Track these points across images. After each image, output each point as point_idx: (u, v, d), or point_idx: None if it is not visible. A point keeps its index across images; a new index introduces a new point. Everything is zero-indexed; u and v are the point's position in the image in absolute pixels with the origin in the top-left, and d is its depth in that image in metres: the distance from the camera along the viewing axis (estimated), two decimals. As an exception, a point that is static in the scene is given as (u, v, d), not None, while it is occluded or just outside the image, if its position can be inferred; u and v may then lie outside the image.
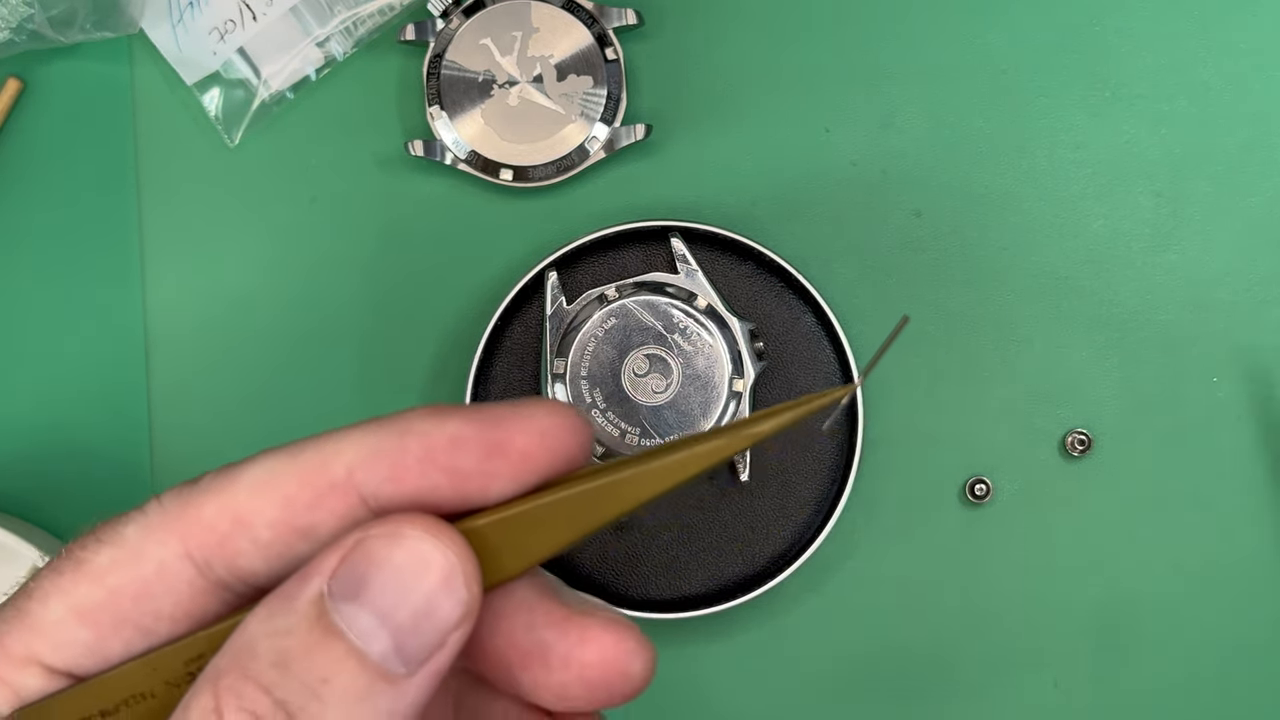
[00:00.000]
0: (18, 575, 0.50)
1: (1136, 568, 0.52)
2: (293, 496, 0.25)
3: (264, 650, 0.24)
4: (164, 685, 0.25)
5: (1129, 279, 0.53)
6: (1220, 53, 0.53)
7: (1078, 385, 0.52)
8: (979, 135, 0.53)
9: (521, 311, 0.51)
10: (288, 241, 0.53)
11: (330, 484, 0.25)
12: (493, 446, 0.25)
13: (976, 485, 0.52)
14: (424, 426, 0.25)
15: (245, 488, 0.25)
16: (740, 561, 0.51)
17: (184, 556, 0.25)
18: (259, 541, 0.25)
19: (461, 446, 0.25)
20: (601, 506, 0.25)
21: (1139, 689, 0.52)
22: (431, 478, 0.25)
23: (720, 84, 0.53)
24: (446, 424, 0.25)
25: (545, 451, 0.25)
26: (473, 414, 0.25)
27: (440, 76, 0.51)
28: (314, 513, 0.25)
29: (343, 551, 0.24)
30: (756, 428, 0.25)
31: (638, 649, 0.26)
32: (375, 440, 0.25)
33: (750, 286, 0.51)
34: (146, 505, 0.26)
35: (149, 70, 0.53)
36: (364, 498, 0.25)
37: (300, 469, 0.25)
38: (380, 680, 0.24)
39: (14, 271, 0.53)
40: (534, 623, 0.26)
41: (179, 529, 0.25)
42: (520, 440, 0.25)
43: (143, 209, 0.53)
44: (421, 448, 0.25)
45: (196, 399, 0.53)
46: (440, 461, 0.25)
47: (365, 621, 0.24)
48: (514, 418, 0.25)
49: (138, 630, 0.25)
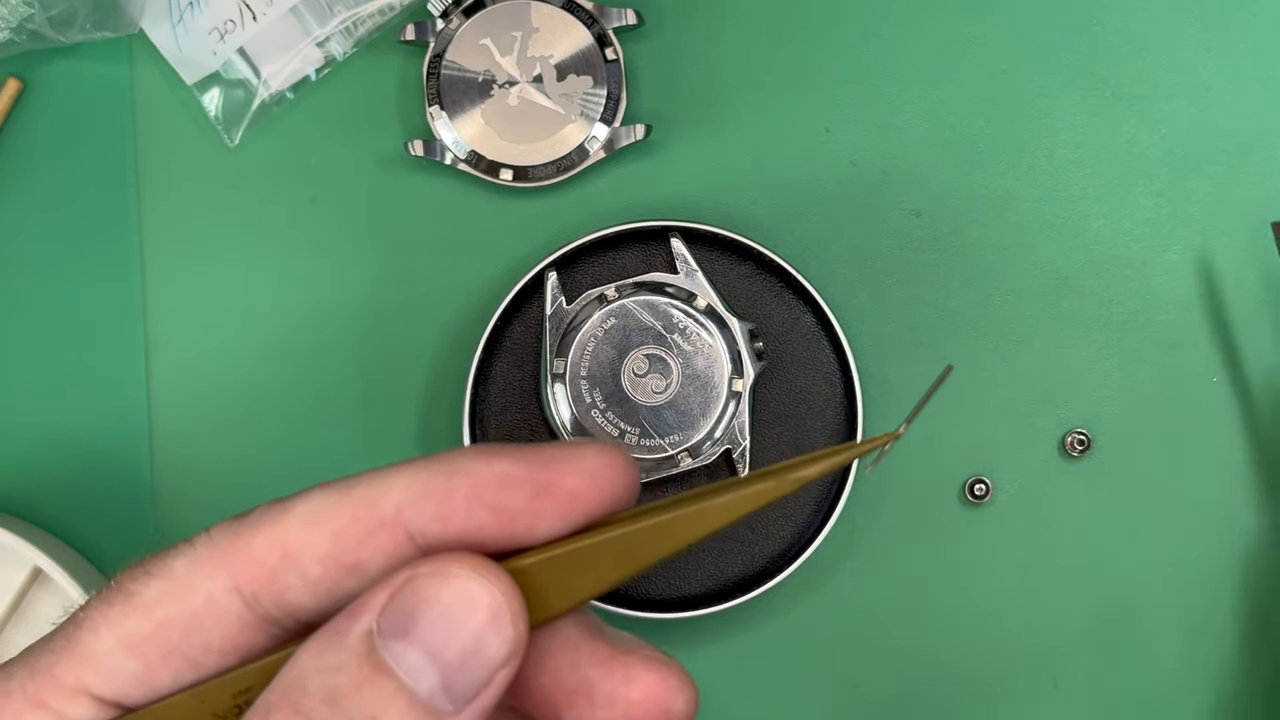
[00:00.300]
0: (18, 576, 0.50)
1: (1136, 567, 0.52)
2: (342, 533, 0.25)
3: (314, 686, 0.24)
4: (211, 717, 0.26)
5: (1129, 279, 0.53)
6: (1220, 53, 0.53)
7: (1078, 385, 0.52)
8: (979, 135, 0.53)
9: (521, 311, 0.51)
10: (288, 241, 0.53)
11: (379, 521, 0.25)
12: (541, 487, 0.25)
13: (976, 485, 0.52)
14: (472, 466, 0.25)
15: (295, 522, 0.25)
16: (740, 561, 0.51)
17: (232, 590, 0.25)
18: (307, 577, 0.25)
19: (510, 486, 0.25)
20: (648, 548, 0.25)
21: (1139, 689, 0.52)
22: (479, 517, 0.25)
23: (720, 84, 0.53)
24: (495, 464, 0.25)
25: (593, 492, 0.25)
26: (521, 454, 0.25)
27: (440, 76, 0.51)
28: (362, 549, 0.25)
29: (391, 589, 0.24)
30: (803, 472, 0.25)
31: (680, 688, 0.27)
32: (424, 479, 0.25)
33: (750, 286, 0.51)
34: (196, 539, 0.26)
35: (149, 70, 0.53)
36: (412, 535, 0.25)
37: (350, 506, 0.25)
38: (428, 717, 0.24)
39: (14, 271, 0.53)
40: (579, 661, 0.26)
41: (228, 563, 0.26)
42: (569, 481, 0.25)
43: (143, 209, 0.53)
44: (470, 487, 0.25)
45: (196, 399, 0.53)
46: (488, 501, 0.25)
47: (414, 659, 0.24)
48: (563, 459, 0.25)
49: (186, 662, 0.26)
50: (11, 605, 0.50)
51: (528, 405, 0.51)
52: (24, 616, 0.51)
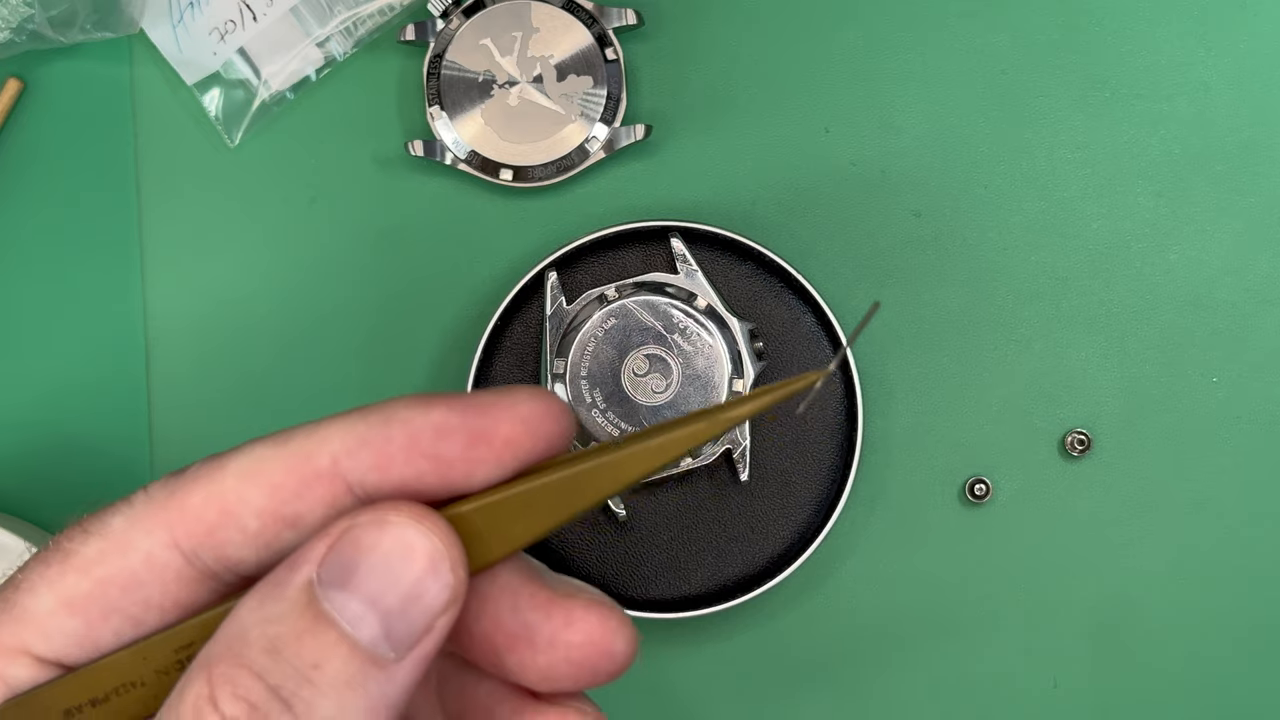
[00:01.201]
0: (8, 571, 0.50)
1: (1136, 567, 0.52)
2: (279, 485, 0.25)
3: (256, 637, 0.24)
4: (154, 673, 0.26)
5: (1129, 279, 0.53)
6: (1220, 53, 0.53)
7: (1078, 385, 0.53)
8: (979, 135, 0.53)
9: (521, 311, 0.51)
10: (287, 241, 0.53)
11: (316, 473, 0.25)
12: (477, 434, 0.25)
13: (976, 485, 0.52)
14: (408, 415, 0.25)
15: (232, 477, 0.26)
16: (740, 561, 0.51)
17: (171, 546, 0.26)
18: (246, 531, 0.25)
19: (446, 435, 0.25)
20: (584, 491, 0.25)
21: (1138, 689, 0.52)
22: (417, 466, 0.25)
23: (720, 84, 0.53)
24: (431, 412, 0.25)
25: (529, 438, 0.25)
26: (456, 402, 0.25)
27: (440, 76, 0.51)
28: (301, 501, 0.25)
29: (330, 539, 0.24)
30: (733, 411, 0.25)
31: (620, 629, 0.27)
32: (360, 429, 0.25)
33: (750, 286, 0.51)
34: (133, 496, 0.26)
35: (149, 70, 0.53)
36: (350, 486, 0.25)
37: (286, 458, 0.25)
38: (370, 665, 0.24)
39: (14, 271, 0.53)
40: (519, 606, 0.27)
41: (166, 519, 0.26)
42: (504, 428, 0.25)
43: (143, 209, 0.53)
44: (406, 436, 0.25)
45: (196, 398, 0.53)
46: (425, 449, 0.25)
47: (354, 608, 0.24)
48: (497, 405, 0.25)
49: (127, 620, 0.26)
50: (12, 605, 0.50)
51: (528, 405, 0.51)
52: (24, 616, 0.51)
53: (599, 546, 0.51)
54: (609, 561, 0.51)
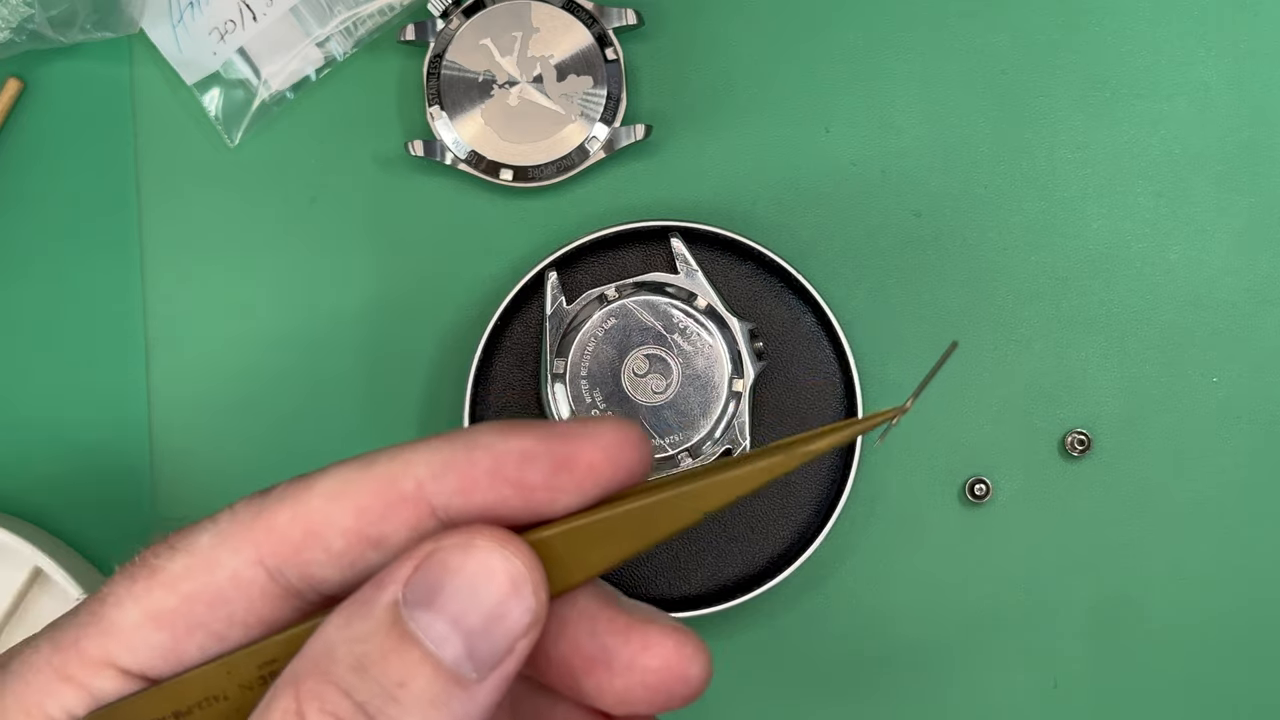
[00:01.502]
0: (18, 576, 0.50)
1: (1136, 568, 0.52)
2: (365, 507, 0.26)
3: (343, 655, 0.25)
4: (238, 688, 0.26)
5: (1129, 279, 0.53)
6: (1220, 53, 0.53)
7: (1078, 385, 0.52)
8: (979, 135, 0.53)
9: (521, 311, 0.51)
10: (288, 241, 0.53)
11: (402, 495, 0.26)
12: (560, 461, 0.26)
13: (976, 485, 0.52)
14: (492, 441, 0.26)
15: (319, 498, 0.26)
16: (740, 561, 0.51)
17: (257, 564, 0.26)
18: (331, 550, 0.26)
19: (530, 461, 0.26)
20: (662, 521, 0.26)
21: (1138, 689, 0.52)
22: (500, 491, 0.26)
23: (720, 84, 0.53)
24: (515, 439, 0.26)
25: (610, 466, 0.26)
26: (541, 429, 0.26)
27: (440, 76, 0.51)
28: (385, 524, 0.26)
29: (416, 560, 0.25)
30: (813, 446, 0.26)
31: (696, 655, 0.28)
32: (445, 454, 0.26)
33: (750, 286, 0.51)
34: (219, 515, 0.27)
35: (149, 70, 0.53)
36: (434, 510, 0.26)
37: (373, 481, 0.26)
38: (453, 684, 0.25)
39: (14, 271, 0.53)
40: (597, 629, 0.27)
41: (253, 538, 0.26)
42: (586, 455, 0.26)
43: (143, 209, 0.53)
44: (490, 461, 0.26)
45: (196, 399, 0.53)
46: (509, 475, 0.26)
47: (439, 628, 0.25)
48: (581, 435, 0.26)
49: (211, 635, 0.26)
50: (12, 605, 0.50)
51: (528, 405, 0.51)
52: (24, 617, 0.51)
53: (599, 546, 0.51)
54: (609, 561, 0.51)
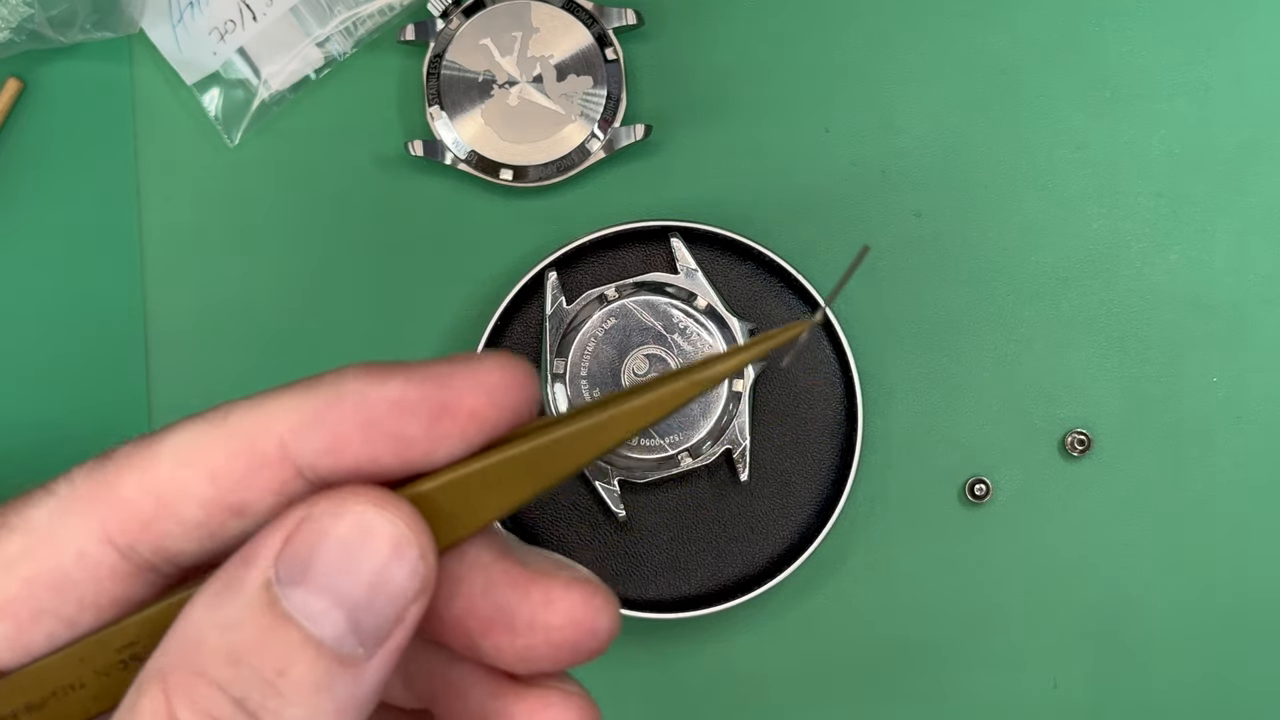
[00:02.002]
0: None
1: (1136, 567, 0.52)
2: (221, 471, 0.23)
3: (213, 645, 0.22)
4: (94, 675, 0.24)
5: (1129, 279, 0.53)
6: (1220, 53, 0.53)
7: (1078, 385, 0.52)
8: (979, 135, 0.53)
9: (521, 311, 0.51)
10: (287, 241, 0.53)
11: (263, 457, 0.23)
12: (439, 408, 0.23)
13: (976, 485, 0.52)
14: (361, 389, 0.23)
15: (167, 463, 0.23)
16: (740, 561, 0.51)
17: (104, 541, 0.23)
18: (187, 522, 0.23)
19: (405, 411, 0.23)
20: (558, 462, 0.23)
21: (1138, 689, 0.52)
22: (374, 446, 0.23)
23: (720, 84, 0.53)
24: (387, 386, 0.23)
25: (495, 409, 0.23)
26: (414, 373, 0.23)
27: (440, 76, 0.51)
28: (246, 489, 0.23)
29: (285, 531, 0.23)
30: (715, 369, 0.23)
31: (604, 606, 0.24)
32: (309, 407, 0.23)
33: (750, 286, 0.51)
34: (54, 484, 0.24)
35: (149, 70, 0.53)
36: (300, 470, 0.23)
37: (227, 440, 0.23)
38: (338, 665, 0.22)
39: (14, 270, 0.53)
40: (492, 585, 0.25)
41: (97, 511, 0.23)
42: (468, 399, 0.23)
43: (143, 209, 0.53)
44: (361, 414, 0.23)
45: (196, 399, 0.53)
46: (383, 428, 0.23)
47: (316, 605, 0.22)
48: (459, 375, 0.23)
49: (60, 620, 0.24)
50: (11, 605, 0.50)
51: (528, 405, 0.51)
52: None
53: (599, 546, 0.51)
54: (609, 561, 0.51)
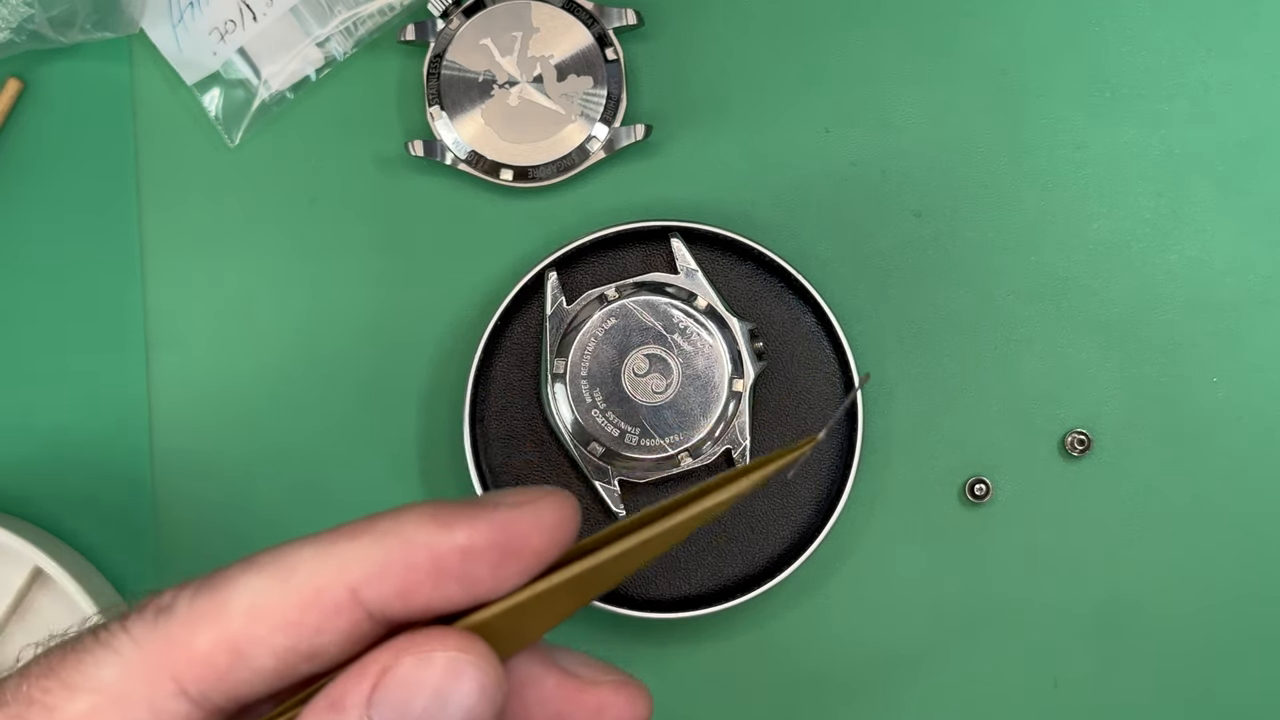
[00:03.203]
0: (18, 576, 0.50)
1: (1136, 567, 0.52)
2: (295, 623, 0.24)
3: None
4: None
5: (1129, 279, 0.53)
6: (1220, 53, 0.53)
7: (1078, 385, 0.53)
8: (979, 135, 0.53)
9: (521, 311, 0.51)
10: (288, 242, 0.53)
11: (335, 607, 0.24)
12: (505, 553, 0.25)
13: (976, 485, 0.52)
14: (429, 538, 0.24)
15: (240, 617, 0.24)
16: (740, 561, 0.51)
17: (178, 694, 0.24)
18: (262, 670, 0.24)
19: (474, 557, 0.24)
20: (597, 583, 0.25)
21: (1138, 689, 0.52)
22: (444, 589, 0.24)
23: (720, 84, 0.53)
24: (455, 535, 0.24)
25: (553, 545, 0.25)
26: (479, 519, 0.25)
27: (440, 77, 0.51)
28: (319, 636, 0.24)
29: (372, 678, 0.24)
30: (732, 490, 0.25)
31: (644, 702, 0.27)
32: (378, 559, 0.24)
33: (750, 286, 0.51)
34: (115, 641, 0.24)
35: (149, 70, 0.53)
36: (370, 613, 0.24)
37: (299, 593, 0.24)
38: None
39: (14, 272, 0.53)
40: (548, 698, 0.26)
41: (169, 666, 0.24)
42: (532, 541, 0.25)
43: (143, 209, 0.53)
44: (430, 562, 0.24)
45: (196, 399, 0.53)
46: (453, 574, 0.24)
47: None
48: (523, 519, 0.25)
49: None
50: (12, 605, 0.50)
51: (528, 405, 0.51)
52: (24, 616, 0.51)
53: (599, 546, 0.51)
54: (609, 561, 0.51)
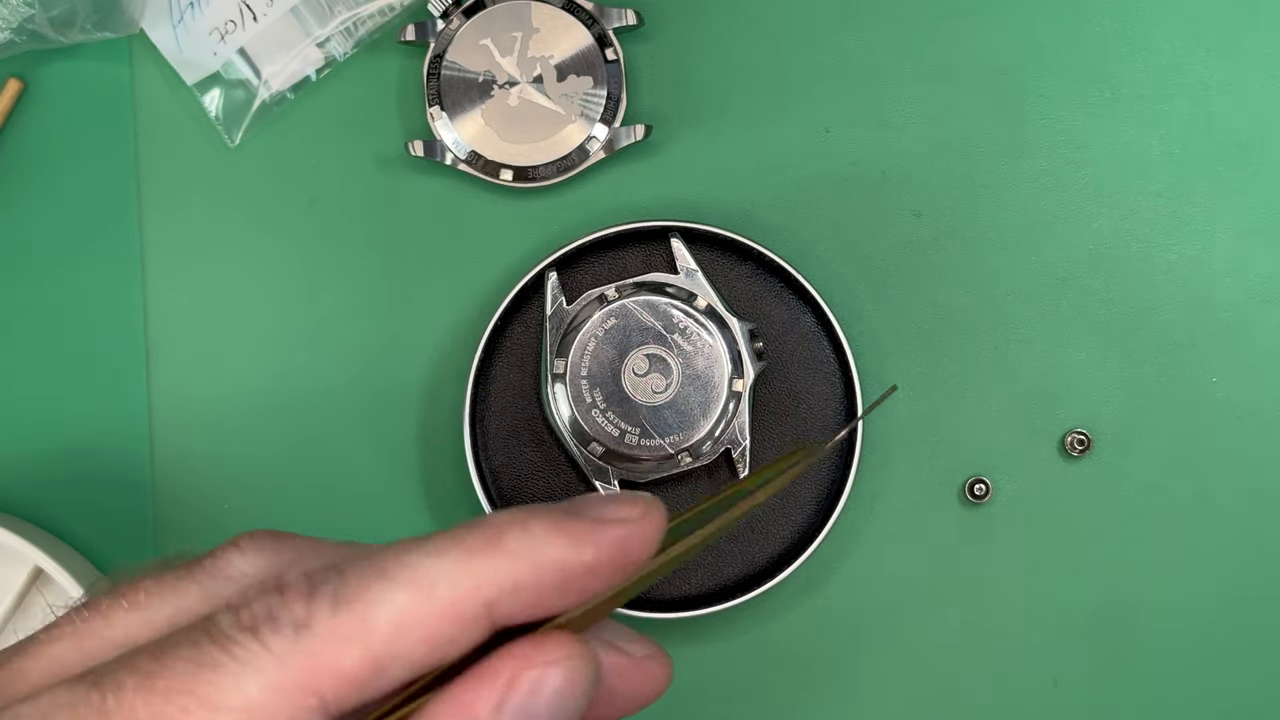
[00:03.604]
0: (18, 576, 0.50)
1: (1136, 567, 0.52)
2: (435, 635, 0.26)
3: None
4: None
5: (1129, 279, 0.53)
6: (1220, 53, 0.53)
7: (1078, 385, 0.53)
8: (979, 135, 0.53)
9: (521, 311, 0.51)
10: (288, 242, 0.53)
11: (473, 620, 0.26)
12: (621, 568, 0.27)
13: (976, 485, 0.52)
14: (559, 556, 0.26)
15: (385, 632, 0.25)
16: (740, 561, 0.51)
17: (319, 709, 0.25)
18: (395, 680, 0.26)
19: (597, 573, 0.26)
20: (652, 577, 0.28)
21: (1139, 689, 0.52)
22: (565, 601, 0.26)
23: (720, 84, 0.53)
24: (583, 552, 0.26)
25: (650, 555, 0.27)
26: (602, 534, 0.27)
27: (440, 77, 0.51)
28: (451, 647, 0.26)
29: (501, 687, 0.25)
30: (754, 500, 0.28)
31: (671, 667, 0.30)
32: (514, 575, 0.26)
33: (750, 286, 0.51)
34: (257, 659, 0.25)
35: (149, 71, 0.53)
36: (494, 621, 0.26)
37: (441, 609, 0.26)
38: None
39: (14, 271, 0.53)
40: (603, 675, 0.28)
41: (314, 683, 0.25)
42: (643, 556, 0.27)
43: (143, 209, 0.53)
44: (561, 580, 0.26)
45: (196, 399, 0.53)
46: (576, 589, 0.26)
47: None
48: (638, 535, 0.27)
49: None
50: (12, 605, 0.50)
51: (528, 405, 0.51)
52: (25, 616, 0.51)
53: (599, 546, 0.51)
54: (609, 561, 0.51)
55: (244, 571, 0.28)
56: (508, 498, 0.51)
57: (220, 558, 0.28)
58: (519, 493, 0.51)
